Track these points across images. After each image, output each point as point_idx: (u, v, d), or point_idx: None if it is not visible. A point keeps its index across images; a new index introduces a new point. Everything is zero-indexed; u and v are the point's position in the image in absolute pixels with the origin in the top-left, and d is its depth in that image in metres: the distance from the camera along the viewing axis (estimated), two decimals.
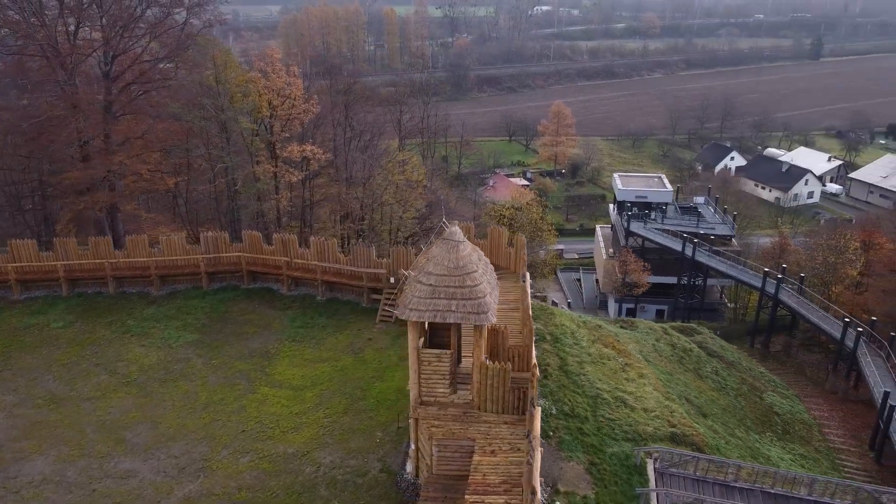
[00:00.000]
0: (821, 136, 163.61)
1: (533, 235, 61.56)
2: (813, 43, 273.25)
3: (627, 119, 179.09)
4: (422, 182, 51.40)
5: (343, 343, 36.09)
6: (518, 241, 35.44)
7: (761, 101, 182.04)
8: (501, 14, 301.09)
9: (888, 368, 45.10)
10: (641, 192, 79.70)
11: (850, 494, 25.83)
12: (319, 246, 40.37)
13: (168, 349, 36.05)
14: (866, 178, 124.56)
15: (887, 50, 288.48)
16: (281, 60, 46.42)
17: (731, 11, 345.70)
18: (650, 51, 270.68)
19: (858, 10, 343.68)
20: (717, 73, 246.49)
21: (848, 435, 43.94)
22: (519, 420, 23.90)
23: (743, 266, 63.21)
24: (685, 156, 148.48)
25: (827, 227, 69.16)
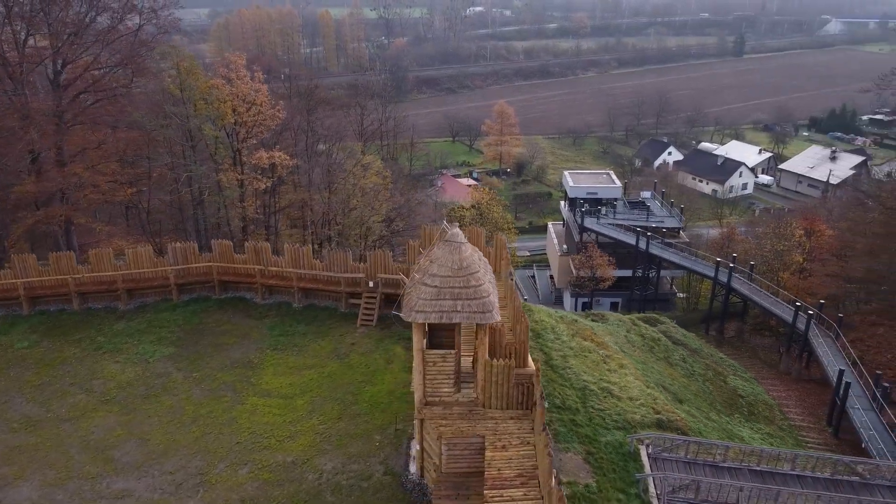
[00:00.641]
0: (749, 129, 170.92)
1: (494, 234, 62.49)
2: (736, 41, 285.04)
3: (566, 117, 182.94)
4: (387, 185, 51.55)
5: (326, 349, 35.97)
6: (498, 241, 36.10)
7: (692, 97, 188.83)
8: (436, 15, 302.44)
9: (838, 348, 47.85)
10: (592, 188, 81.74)
11: (829, 467, 27.50)
12: (294, 253, 40.09)
13: (145, 364, 35.17)
14: (795, 168, 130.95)
15: (802, 46, 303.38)
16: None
17: (657, 11, 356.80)
18: (583, 50, 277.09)
19: (775, 8, 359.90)
20: (648, 70, 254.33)
21: (806, 413, 46.43)
22: (524, 415, 24.51)
23: (695, 257, 65.78)
24: (625, 152, 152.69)
25: (772, 217, 72.52)
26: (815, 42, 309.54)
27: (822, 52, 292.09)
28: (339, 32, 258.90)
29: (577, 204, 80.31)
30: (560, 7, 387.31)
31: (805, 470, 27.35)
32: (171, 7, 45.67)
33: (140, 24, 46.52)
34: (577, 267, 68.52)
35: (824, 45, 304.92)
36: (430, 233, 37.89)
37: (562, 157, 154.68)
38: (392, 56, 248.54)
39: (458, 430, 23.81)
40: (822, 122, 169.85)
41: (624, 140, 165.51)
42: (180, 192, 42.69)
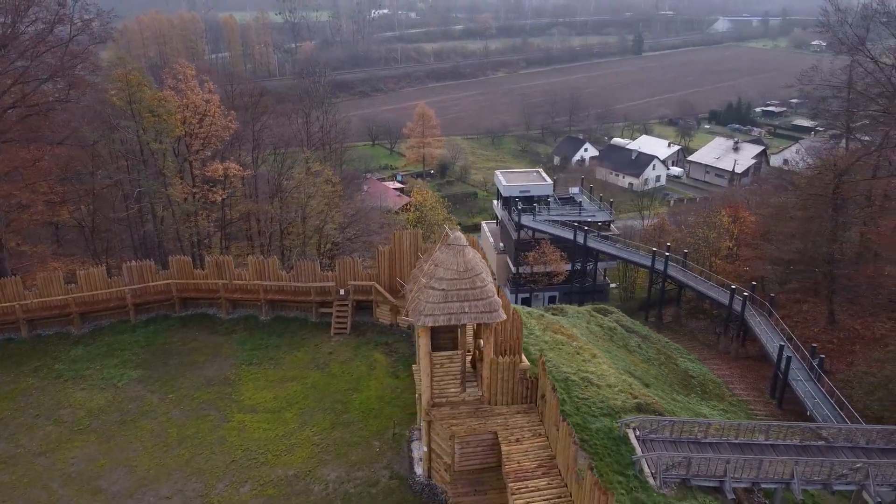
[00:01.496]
0: (656, 124, 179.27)
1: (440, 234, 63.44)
2: (634, 40, 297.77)
3: (482, 117, 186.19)
4: (339, 192, 51.30)
5: (304, 360, 35.71)
6: (472, 242, 36.80)
7: (600, 95, 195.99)
8: (343, 19, 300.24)
9: (773, 325, 51.48)
10: (525, 187, 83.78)
11: (797, 434, 29.87)
12: (259, 265, 39.50)
13: (114, 389, 33.84)
14: (702, 159, 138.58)
15: (695, 44, 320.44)
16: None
17: (558, 11, 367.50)
18: (491, 51, 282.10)
19: (668, 8, 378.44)
20: (555, 70, 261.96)
21: (749, 388, 49.72)
22: (529, 408, 25.41)
23: (631, 248, 68.88)
24: (542, 150, 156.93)
25: (699, 206, 76.71)
26: (705, 40, 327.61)
27: (713, 49, 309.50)
28: (245, 38, 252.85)
29: (512, 202, 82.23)
30: (464, 9, 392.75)
31: (777, 439, 29.59)
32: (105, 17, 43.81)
33: (71, 34, 44.41)
34: (532, 263, 70.17)
35: (714, 43, 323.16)
36: (400, 237, 38.33)
37: (482, 157, 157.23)
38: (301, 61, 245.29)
39: (470, 428, 24.43)
40: (721, 115, 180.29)
41: (540, 138, 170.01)
42: (131, 208, 40.94)
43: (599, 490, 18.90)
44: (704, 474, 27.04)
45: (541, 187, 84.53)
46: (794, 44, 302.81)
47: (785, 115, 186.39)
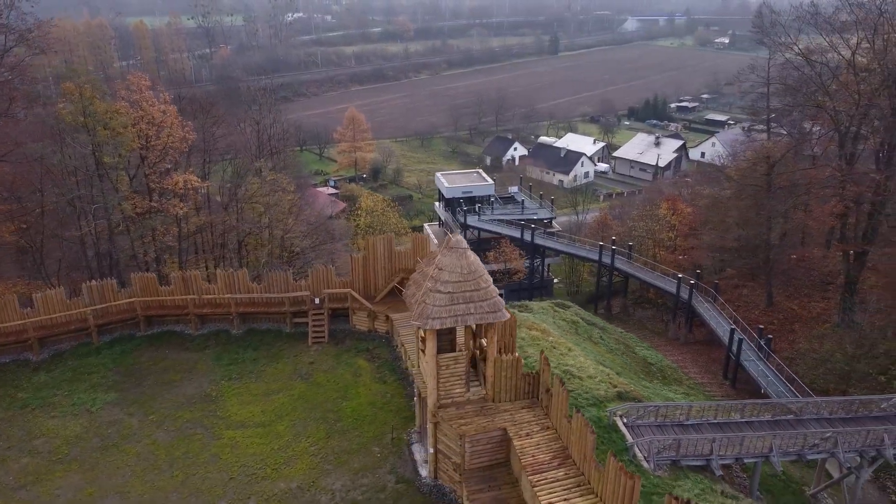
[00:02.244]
0: (579, 122, 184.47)
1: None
2: (551, 40, 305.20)
3: (409, 120, 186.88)
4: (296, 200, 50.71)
5: (286, 371, 35.36)
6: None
7: (523, 94, 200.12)
8: (259, 23, 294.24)
9: (718, 310, 54.40)
10: (467, 187, 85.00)
11: (769, 410, 31.93)
12: (229, 278, 38.76)
13: (88, 415, 32.56)
14: (626, 155, 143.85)
15: (608, 43, 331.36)
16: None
17: (475, 13, 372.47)
18: (411, 53, 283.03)
19: (579, 8, 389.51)
20: (476, 70, 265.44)
21: (702, 371, 52.40)
22: (532, 403, 26.22)
23: (578, 243, 71.03)
24: (473, 150, 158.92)
25: (640, 200, 79.71)
26: (617, 39, 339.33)
27: (625, 48, 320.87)
28: (157, 44, 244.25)
29: (456, 203, 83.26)
30: (381, 11, 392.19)
31: (752, 416, 31.55)
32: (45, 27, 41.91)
33: (7, 45, 42.31)
34: (494, 261, 71.24)
35: (625, 42, 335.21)
36: (373, 243, 38.52)
37: (413, 160, 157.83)
38: (218, 66, 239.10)
39: (480, 426, 25.00)
40: (639, 112, 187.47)
41: (469, 139, 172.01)
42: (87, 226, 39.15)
43: (625, 474, 19.86)
44: (693, 454, 28.58)
45: (483, 187, 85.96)
46: (699, 42, 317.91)
47: (697, 109, 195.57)
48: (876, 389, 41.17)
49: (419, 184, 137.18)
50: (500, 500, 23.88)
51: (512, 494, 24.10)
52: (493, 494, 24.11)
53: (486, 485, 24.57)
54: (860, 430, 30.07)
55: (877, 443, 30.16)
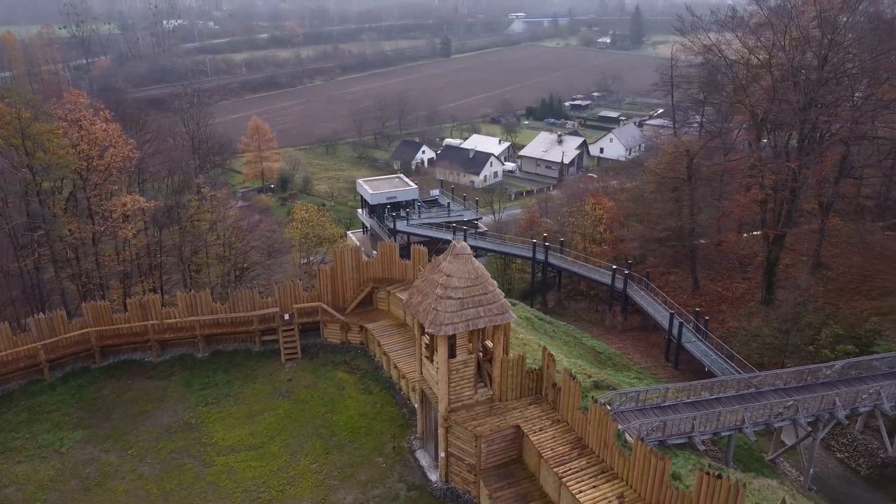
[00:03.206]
0: (481, 122, 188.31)
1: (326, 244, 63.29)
2: (442, 42, 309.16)
3: (310, 127, 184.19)
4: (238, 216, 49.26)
5: (265, 391, 34.60)
6: (418, 252, 37.81)
7: (423, 97, 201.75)
8: (140, 31, 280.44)
9: (653, 297, 57.68)
10: (392, 193, 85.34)
11: (731, 387, 34.52)
12: (191, 299, 37.38)
13: (59, 456, 30.62)
14: (532, 153, 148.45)
15: (497, 45, 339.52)
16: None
17: (364, 17, 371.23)
18: (303, 58, 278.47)
19: (467, 11, 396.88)
20: (372, 75, 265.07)
21: (645, 356, 55.38)
22: (537, 399, 27.21)
23: (510, 242, 72.93)
24: (380, 155, 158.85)
25: (568, 197, 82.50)
26: (506, 40, 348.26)
27: (514, 49, 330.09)
28: (29, 55, 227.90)
29: (382, 209, 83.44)
30: (266, 16, 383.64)
31: (719, 393, 34.01)
32: None
33: None
34: None
35: (513, 43, 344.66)
36: (342, 255, 38.38)
37: (320, 167, 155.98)
38: (99, 77, 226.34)
39: (494, 425, 25.71)
40: (537, 111, 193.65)
41: (374, 144, 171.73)
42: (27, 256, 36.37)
43: (656, 456, 21.20)
44: (677, 433, 30.57)
45: (407, 192, 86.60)
46: (582, 42, 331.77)
47: (590, 107, 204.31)
48: (807, 359, 45.15)
49: (331, 191, 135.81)
50: (522, 496, 24.71)
51: (532, 489, 24.99)
52: (514, 491, 24.90)
53: (506, 482, 25.34)
54: (815, 396, 33.14)
55: (830, 406, 33.35)
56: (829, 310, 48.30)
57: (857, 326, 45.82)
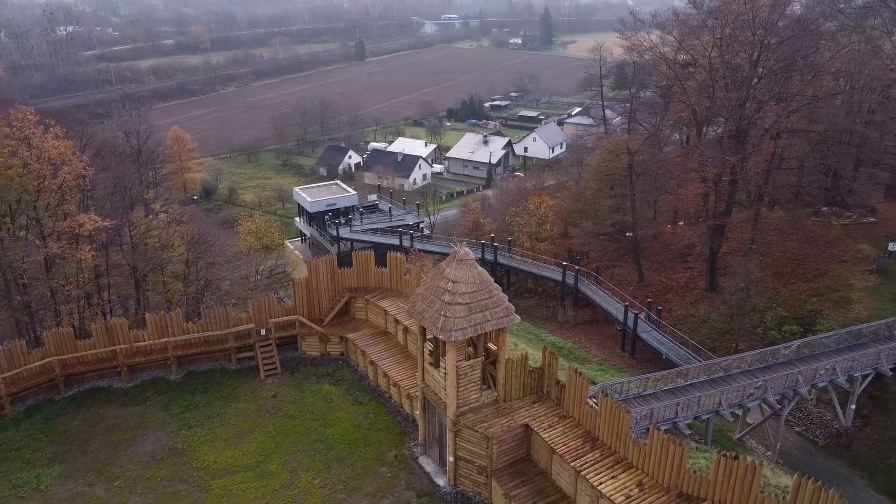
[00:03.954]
0: (404, 125, 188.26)
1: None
2: (356, 46, 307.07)
3: (229, 135, 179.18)
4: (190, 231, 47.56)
5: (250, 409, 33.84)
6: (394, 259, 37.84)
7: (342, 101, 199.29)
8: (34, 39, 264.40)
9: (604, 291, 59.69)
10: (331, 200, 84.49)
11: (704, 371, 36.38)
12: (160, 321, 36.05)
13: (40, 495, 29.02)
14: (459, 155, 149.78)
15: (411, 47, 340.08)
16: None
17: (273, 21, 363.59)
18: (213, 64, 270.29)
19: (378, 13, 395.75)
20: (287, 80, 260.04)
21: (599, 347, 57.22)
22: (539, 397, 27.93)
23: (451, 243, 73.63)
24: (305, 162, 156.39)
25: (511, 197, 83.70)
26: (419, 42, 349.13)
27: (428, 51, 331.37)
28: None
29: (322, 217, 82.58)
30: (169, 22, 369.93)
31: (693, 379, 35.78)
32: None
33: None
34: None
35: (426, 45, 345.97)
36: (316, 266, 38.00)
37: (244, 176, 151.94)
38: None
39: (504, 426, 26.23)
40: (458, 112, 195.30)
41: (298, 150, 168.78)
42: None
43: (673, 443, 22.30)
44: (663, 419, 32.06)
45: (346, 199, 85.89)
46: (495, 43, 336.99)
47: (510, 107, 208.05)
48: (756, 340, 48.02)
49: (258, 200, 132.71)
50: (539, 492, 25.36)
51: (546, 484, 25.69)
52: (530, 487, 25.52)
53: (519, 480, 25.92)
54: (780, 375, 35.44)
55: (793, 384, 35.74)
56: (770, 293, 51.45)
57: (798, 308, 49.14)
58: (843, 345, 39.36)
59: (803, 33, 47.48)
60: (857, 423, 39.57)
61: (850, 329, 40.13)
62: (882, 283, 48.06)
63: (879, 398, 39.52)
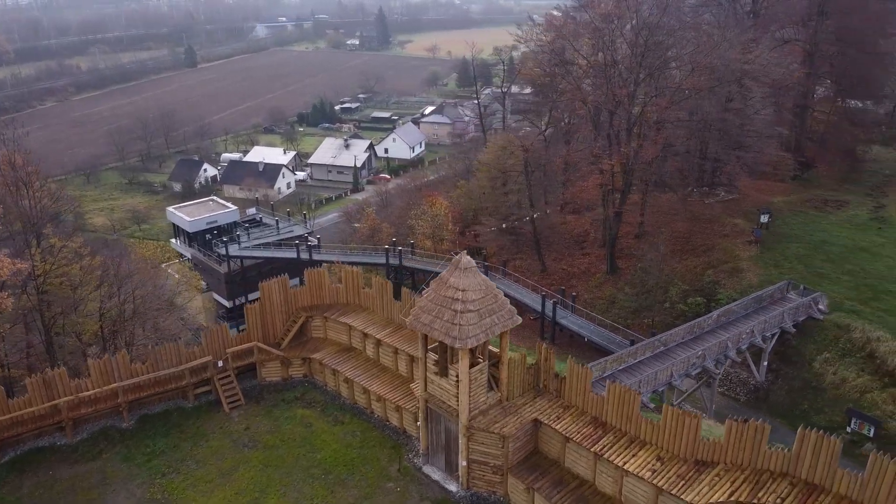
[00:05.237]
0: (255, 133, 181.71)
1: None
2: (186, 52, 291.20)
3: (58, 155, 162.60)
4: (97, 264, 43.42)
5: (225, 446, 32.18)
6: (349, 274, 37.40)
7: (185, 111, 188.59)
8: None
9: (513, 283, 62.20)
10: (211, 217, 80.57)
11: (649, 348, 39.41)
12: (104, 366, 33.15)
13: None
14: (321, 160, 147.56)
15: (244, 52, 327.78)
16: None
17: (86, 28, 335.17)
18: (24, 78, 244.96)
19: (203, 17, 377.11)
20: (114, 91, 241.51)
21: (518, 338, 59.16)
22: (537, 392, 29.21)
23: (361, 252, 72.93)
24: (156, 178, 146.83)
25: (404, 200, 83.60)
26: (252, 46, 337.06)
27: (263, 55, 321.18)
28: None
29: (203, 236, 78.80)
30: None
31: (641, 356, 38.78)
32: None
33: None
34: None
35: (261, 49, 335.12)
36: (269, 288, 36.82)
37: (87, 199, 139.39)
38: None
39: (515, 424, 27.23)
40: (310, 117, 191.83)
41: (143, 166, 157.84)
42: None
43: (687, 415, 24.49)
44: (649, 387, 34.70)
45: (227, 215, 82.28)
46: (332, 44, 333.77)
47: (360, 109, 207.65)
48: (665, 314, 52.52)
49: (111, 224, 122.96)
50: (558, 481, 26.67)
51: (562, 473, 27.07)
52: (550, 478, 26.76)
53: (537, 473, 27.09)
54: (713, 343, 39.46)
55: (724, 349, 39.93)
56: (668, 270, 56.48)
57: (696, 281, 54.41)
58: (750, 310, 44.39)
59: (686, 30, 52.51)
60: (770, 377, 44.92)
61: (753, 296, 45.33)
62: (762, 251, 54.52)
63: (783, 353, 45.07)
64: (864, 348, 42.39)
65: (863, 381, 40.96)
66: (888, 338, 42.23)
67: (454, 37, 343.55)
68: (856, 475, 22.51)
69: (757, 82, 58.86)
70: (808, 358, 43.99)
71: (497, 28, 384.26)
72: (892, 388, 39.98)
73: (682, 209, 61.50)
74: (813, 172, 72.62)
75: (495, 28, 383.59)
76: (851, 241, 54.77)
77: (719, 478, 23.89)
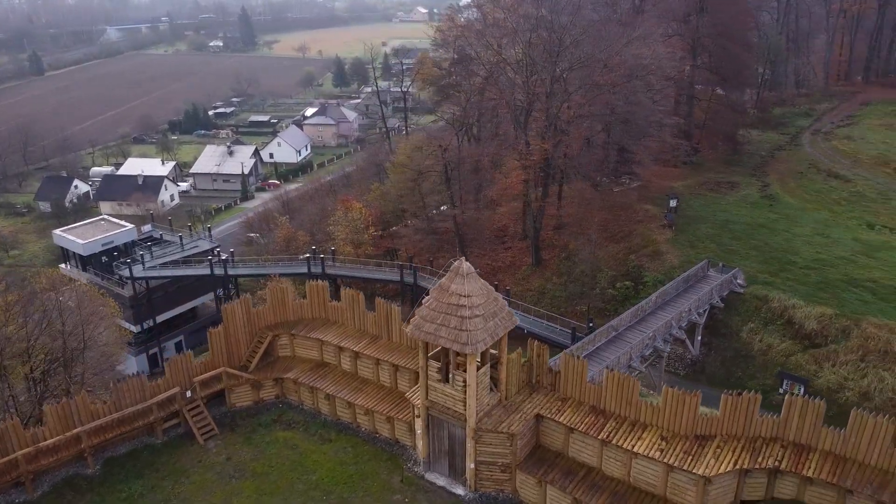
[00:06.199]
0: (125, 144, 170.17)
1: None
2: (31, 59, 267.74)
3: None
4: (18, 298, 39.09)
5: (210, 480, 30.63)
6: (314, 287, 36.50)
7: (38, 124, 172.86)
8: None
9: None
10: (107, 238, 75.21)
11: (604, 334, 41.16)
12: (62, 410, 30.53)
13: None
14: (204, 169, 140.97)
15: (97, 57, 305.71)
16: None
17: None
18: None
19: (45, 21, 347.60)
20: None
21: None
22: (532, 388, 30.06)
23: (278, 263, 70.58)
24: (18, 199, 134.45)
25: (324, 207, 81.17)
26: (105, 51, 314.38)
27: (118, 60, 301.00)
28: None
29: (99, 259, 73.61)
30: None
31: (597, 343, 40.61)
32: None
33: None
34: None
35: (114, 54, 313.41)
36: (232, 310, 35.39)
37: None
38: None
39: (521, 421, 27.93)
40: (182, 124, 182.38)
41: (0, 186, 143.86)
42: None
43: (687, 394, 26.23)
44: None
45: (124, 234, 76.96)
46: (194, 46, 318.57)
47: (235, 113, 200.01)
48: (598, 300, 55.07)
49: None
50: (567, 471, 27.71)
51: (568, 463, 28.16)
52: (559, 470, 27.74)
53: (545, 466, 27.98)
54: (659, 323, 42.07)
55: (669, 328, 42.67)
56: (591, 259, 59.22)
57: (621, 266, 57.36)
58: (681, 289, 47.64)
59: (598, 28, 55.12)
60: (703, 350, 48.41)
61: (682, 276, 48.60)
62: (676, 234, 58.40)
63: (713, 327, 48.72)
64: (782, 315, 46.73)
65: (786, 345, 45.19)
66: (802, 304, 46.79)
67: (322, 35, 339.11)
68: (839, 432, 25.20)
69: (655, 76, 62.84)
70: (736, 329, 47.88)
71: (364, 25, 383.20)
72: (813, 350, 44.43)
73: (597, 199, 64.64)
74: (700, 157, 78.52)
75: (362, 26, 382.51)
76: (751, 218, 59.91)
77: (720, 449, 25.84)
